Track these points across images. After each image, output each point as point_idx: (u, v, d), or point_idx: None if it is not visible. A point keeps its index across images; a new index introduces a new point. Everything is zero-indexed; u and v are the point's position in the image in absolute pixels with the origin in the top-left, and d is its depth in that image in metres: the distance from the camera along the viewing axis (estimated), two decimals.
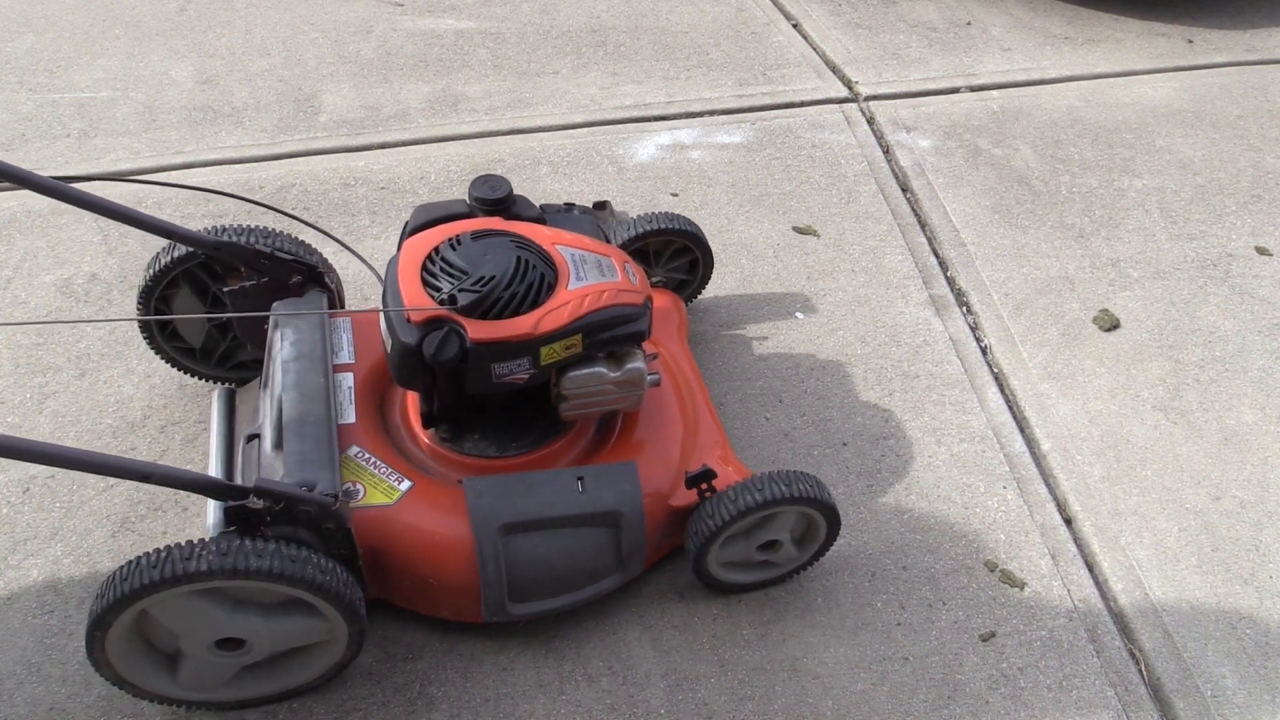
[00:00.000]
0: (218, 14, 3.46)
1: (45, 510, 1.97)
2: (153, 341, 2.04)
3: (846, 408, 2.29)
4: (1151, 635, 1.93)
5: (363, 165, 2.85)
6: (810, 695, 1.80)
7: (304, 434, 1.65)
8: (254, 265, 1.86)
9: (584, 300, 1.65)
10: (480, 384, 1.63)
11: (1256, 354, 2.51)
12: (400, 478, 1.70)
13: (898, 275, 2.64)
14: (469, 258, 1.64)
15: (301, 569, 1.48)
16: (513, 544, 1.67)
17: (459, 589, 1.69)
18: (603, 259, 1.75)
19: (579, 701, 1.76)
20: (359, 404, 1.79)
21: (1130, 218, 2.88)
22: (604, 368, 1.72)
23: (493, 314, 1.60)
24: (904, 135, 3.12)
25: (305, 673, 1.68)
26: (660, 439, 1.88)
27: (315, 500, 1.53)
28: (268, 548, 1.47)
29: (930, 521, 2.08)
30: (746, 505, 1.72)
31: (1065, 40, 3.66)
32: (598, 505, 1.70)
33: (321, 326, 1.84)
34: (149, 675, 1.59)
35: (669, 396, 1.95)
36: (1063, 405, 2.34)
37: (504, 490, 1.68)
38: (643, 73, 3.30)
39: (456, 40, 3.40)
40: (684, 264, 2.34)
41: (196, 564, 1.42)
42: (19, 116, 2.95)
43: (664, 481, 1.81)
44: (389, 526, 1.66)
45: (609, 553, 1.75)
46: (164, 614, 1.50)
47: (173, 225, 1.79)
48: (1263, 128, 3.27)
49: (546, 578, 1.72)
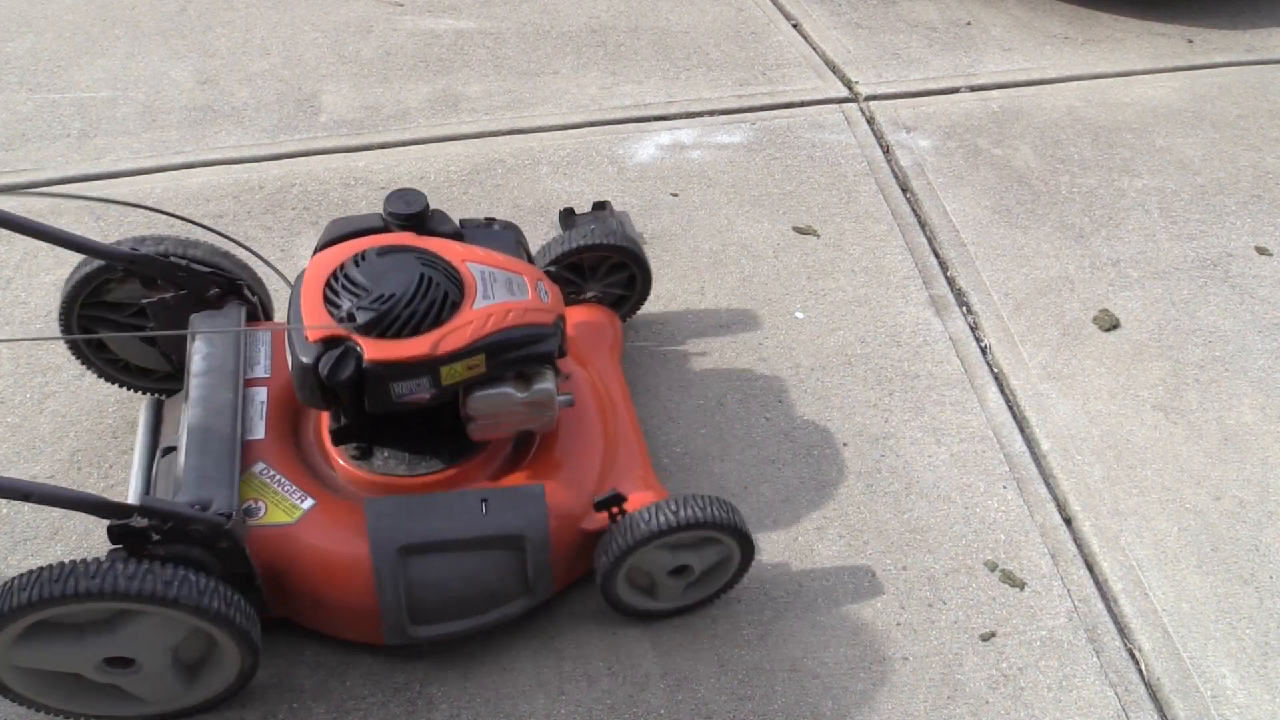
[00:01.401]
0: (218, 14, 3.46)
1: (45, 510, 1.96)
2: (80, 356, 1.98)
3: (846, 408, 2.29)
4: (1151, 635, 1.93)
5: (363, 165, 2.85)
6: (810, 695, 1.80)
7: (205, 450, 1.62)
8: (170, 278, 1.81)
9: (488, 320, 1.61)
10: (380, 404, 1.59)
11: (1256, 354, 2.51)
12: (304, 495, 1.67)
13: (898, 275, 2.64)
14: (371, 274, 1.60)
15: (64, 587, 1.40)
16: (413, 566, 1.64)
17: (358, 611, 1.66)
18: (514, 276, 1.70)
19: (579, 701, 1.76)
20: (270, 420, 1.75)
21: (1130, 218, 2.88)
22: (511, 388, 1.67)
23: (391, 333, 1.56)
24: (904, 135, 3.12)
25: (218, 681, 1.66)
26: (577, 459, 1.83)
27: (205, 520, 1.50)
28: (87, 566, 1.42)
29: (930, 521, 2.08)
30: (655, 529, 1.67)
31: (1065, 40, 3.66)
32: (501, 528, 1.66)
33: (236, 340, 1.80)
34: (116, 705, 1.60)
35: (591, 416, 1.90)
36: (1063, 405, 2.34)
37: (405, 511, 1.65)
38: (643, 73, 3.30)
39: (456, 40, 3.40)
40: (621, 279, 2.27)
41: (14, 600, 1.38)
42: (19, 116, 2.95)
43: (576, 504, 1.76)
44: (288, 545, 1.63)
45: (513, 576, 1.71)
46: (28, 659, 1.48)
47: (86, 240, 1.74)
48: (1263, 128, 3.27)
49: (448, 601, 1.68)
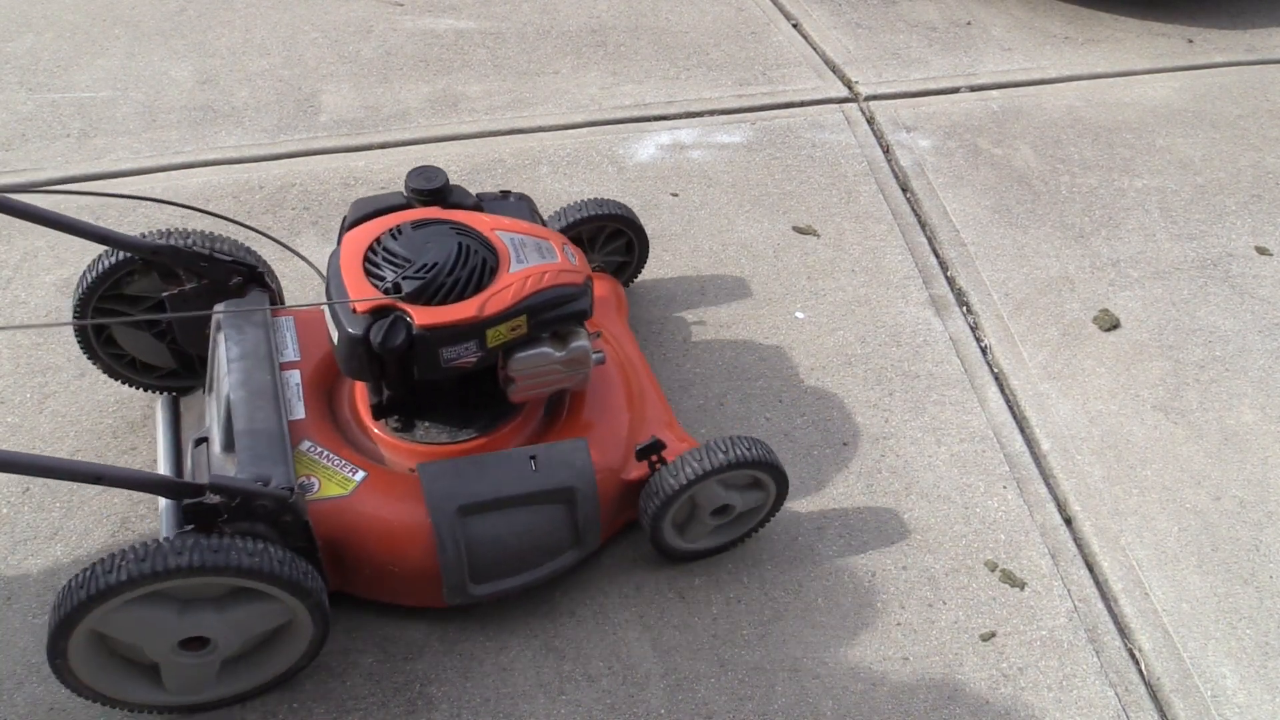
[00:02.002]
0: (218, 14, 3.46)
1: (45, 510, 1.96)
2: (89, 351, 1.99)
3: (846, 408, 2.29)
4: (1151, 635, 1.93)
5: (363, 165, 2.84)
6: (810, 695, 1.80)
7: (254, 431, 1.65)
8: (193, 268, 1.85)
9: (526, 282, 1.68)
10: (429, 369, 1.64)
11: (1256, 354, 2.51)
12: (354, 469, 1.72)
13: (898, 275, 2.63)
14: (411, 246, 1.66)
15: (227, 557, 1.46)
16: (470, 525, 1.69)
17: (419, 574, 1.70)
18: (541, 242, 1.77)
19: (579, 701, 1.76)
20: (307, 400, 1.80)
21: (1130, 218, 2.88)
22: (550, 348, 1.74)
23: (437, 300, 1.62)
24: (904, 135, 3.12)
25: (284, 659, 1.68)
26: (607, 416, 1.91)
27: (271, 494, 1.54)
28: (185, 542, 1.45)
29: (930, 521, 2.08)
30: (697, 472, 1.75)
31: (1065, 40, 3.66)
32: (551, 482, 1.72)
33: (265, 325, 1.83)
34: (138, 690, 1.59)
35: (613, 375, 1.98)
36: (1063, 405, 2.34)
37: (458, 473, 1.70)
38: (643, 73, 3.30)
39: (456, 40, 3.40)
40: (619, 246, 2.37)
41: (118, 576, 1.41)
42: (19, 116, 2.95)
43: (614, 456, 1.84)
44: (346, 517, 1.68)
45: (565, 529, 1.77)
46: (115, 629, 1.49)
47: (109, 231, 1.77)
48: (1263, 128, 3.27)
49: (505, 557, 1.74)
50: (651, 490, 1.80)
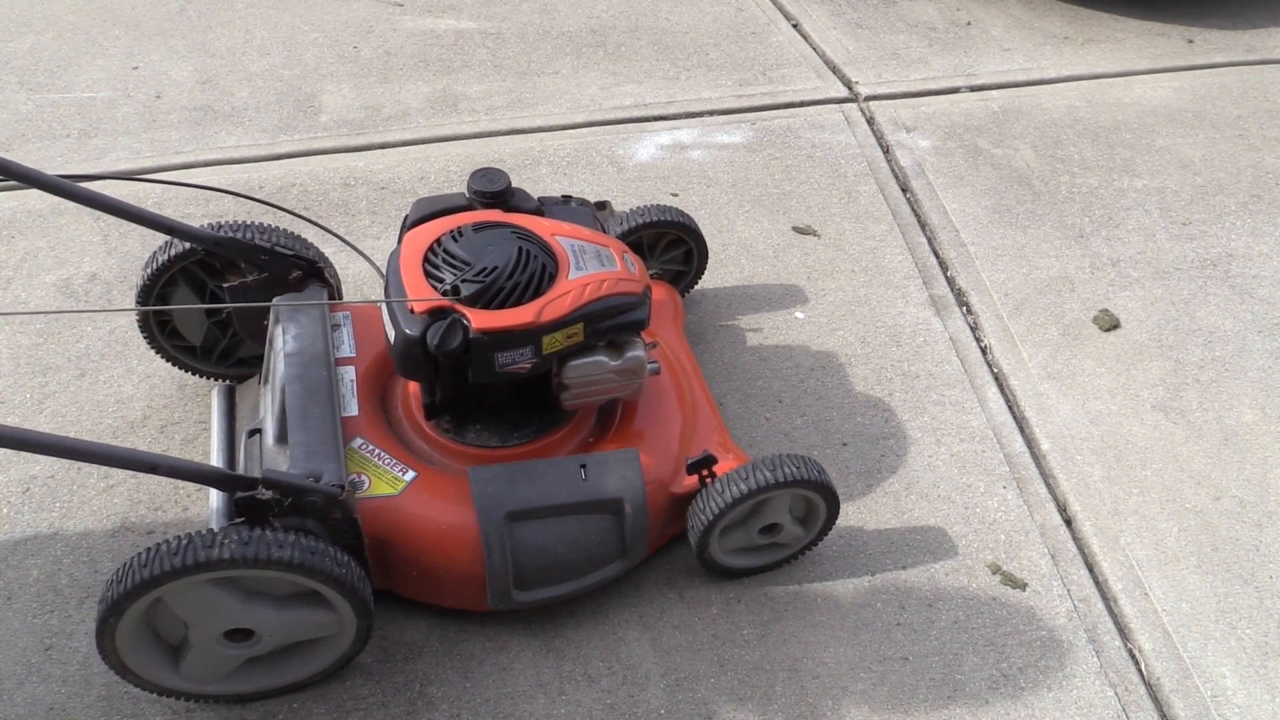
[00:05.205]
0: (218, 14, 3.46)
1: (45, 510, 1.97)
2: (153, 340, 2.04)
3: (846, 408, 2.29)
4: (1151, 635, 1.93)
5: (363, 165, 2.85)
6: (810, 695, 1.80)
7: (308, 426, 1.66)
8: (254, 261, 1.87)
9: (585, 289, 1.67)
10: (483, 374, 1.64)
11: (1256, 354, 2.51)
12: (405, 468, 1.72)
13: (898, 275, 2.64)
14: (471, 249, 1.65)
15: (320, 561, 1.49)
16: (518, 532, 1.69)
17: (465, 577, 1.70)
18: (601, 249, 1.76)
19: (579, 701, 1.76)
20: (361, 397, 1.80)
21: (1130, 218, 2.88)
22: (605, 356, 1.73)
23: (495, 304, 1.62)
24: (904, 135, 3.12)
25: (308, 667, 1.69)
26: (659, 428, 1.89)
27: (323, 490, 1.54)
28: (288, 538, 1.48)
29: (930, 521, 2.08)
30: (748, 489, 1.73)
31: (1065, 40, 3.66)
32: (601, 493, 1.72)
33: (323, 321, 1.85)
34: (152, 666, 1.59)
35: (667, 386, 1.96)
36: (1063, 405, 2.34)
37: (508, 479, 1.70)
38: (643, 73, 3.30)
39: (456, 40, 3.40)
40: (679, 255, 2.36)
41: (219, 551, 1.42)
42: (19, 116, 2.95)
43: (664, 469, 1.82)
44: (395, 516, 1.68)
45: (612, 540, 1.76)
46: (178, 603, 1.50)
47: (173, 221, 1.81)
48: (1263, 128, 3.27)
49: (551, 565, 1.73)
50: (700, 506, 1.78)
